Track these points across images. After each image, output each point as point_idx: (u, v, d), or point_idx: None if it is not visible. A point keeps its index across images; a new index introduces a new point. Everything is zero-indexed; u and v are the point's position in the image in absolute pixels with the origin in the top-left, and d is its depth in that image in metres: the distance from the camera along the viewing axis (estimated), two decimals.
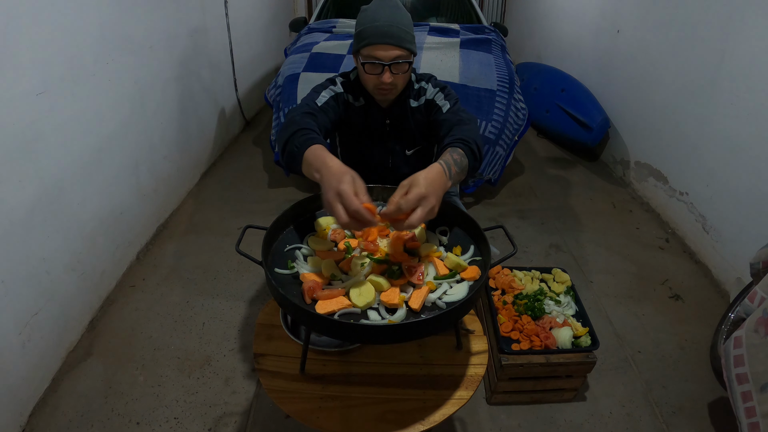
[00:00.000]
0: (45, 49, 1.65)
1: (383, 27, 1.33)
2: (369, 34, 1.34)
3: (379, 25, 1.33)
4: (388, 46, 1.34)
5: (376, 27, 1.33)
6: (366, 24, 1.35)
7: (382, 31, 1.33)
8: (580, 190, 3.29)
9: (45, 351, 1.70)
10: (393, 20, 1.34)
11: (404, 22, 1.36)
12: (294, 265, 1.11)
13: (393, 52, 1.35)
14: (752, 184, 2.17)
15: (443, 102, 1.47)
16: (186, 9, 2.86)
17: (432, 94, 1.50)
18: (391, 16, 1.34)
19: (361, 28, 1.37)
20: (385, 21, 1.33)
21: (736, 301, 1.82)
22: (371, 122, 1.55)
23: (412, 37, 1.39)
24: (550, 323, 1.67)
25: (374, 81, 1.41)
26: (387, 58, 1.35)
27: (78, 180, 1.88)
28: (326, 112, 1.41)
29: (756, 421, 1.23)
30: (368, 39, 1.34)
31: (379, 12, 1.35)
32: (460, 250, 1.19)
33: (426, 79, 1.55)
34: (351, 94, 1.52)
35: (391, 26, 1.33)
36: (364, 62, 1.38)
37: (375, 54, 1.35)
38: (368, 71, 1.39)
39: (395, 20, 1.34)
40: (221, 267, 2.36)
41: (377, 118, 1.54)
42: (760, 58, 2.13)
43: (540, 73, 4.29)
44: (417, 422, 1.03)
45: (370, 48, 1.35)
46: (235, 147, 3.80)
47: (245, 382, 1.77)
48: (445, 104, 1.46)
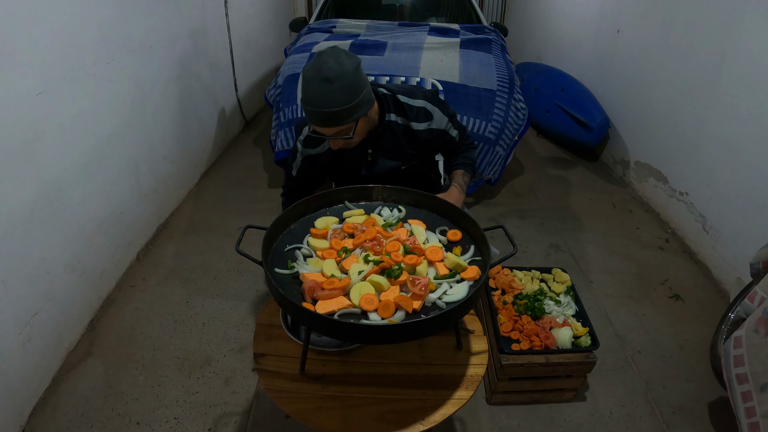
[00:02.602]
0: (45, 49, 1.65)
1: (314, 111, 1.27)
2: (307, 114, 1.30)
3: (310, 109, 1.28)
4: (323, 126, 1.30)
5: (307, 110, 1.29)
6: (301, 98, 1.29)
7: (313, 115, 1.28)
8: (580, 190, 3.29)
9: (45, 351, 1.70)
10: (320, 103, 1.25)
11: (333, 99, 1.24)
12: (294, 265, 1.11)
13: (331, 130, 1.31)
14: (752, 184, 2.17)
15: (454, 132, 1.59)
16: (186, 9, 2.86)
17: (443, 124, 1.55)
18: (318, 98, 1.25)
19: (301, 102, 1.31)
20: (313, 105, 1.26)
21: (736, 301, 1.82)
22: (346, 158, 1.55)
23: (347, 110, 1.27)
24: (550, 323, 1.67)
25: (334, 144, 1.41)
26: (328, 133, 1.33)
27: (78, 180, 1.88)
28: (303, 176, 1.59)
29: (756, 421, 1.23)
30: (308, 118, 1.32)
31: (308, 91, 1.27)
32: (460, 250, 1.19)
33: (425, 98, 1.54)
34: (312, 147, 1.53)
35: (320, 111, 1.26)
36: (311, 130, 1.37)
37: (319, 130, 1.33)
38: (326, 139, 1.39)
39: (322, 103, 1.25)
40: (221, 267, 2.36)
41: (357, 151, 1.52)
42: (760, 58, 2.13)
43: (540, 73, 4.29)
44: (417, 422, 1.03)
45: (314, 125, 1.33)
46: (235, 147, 3.80)
47: (245, 382, 1.77)
48: (456, 134, 1.60)
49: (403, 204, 1.37)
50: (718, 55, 2.41)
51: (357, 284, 1.04)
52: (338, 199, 1.36)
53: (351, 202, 1.37)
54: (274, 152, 2.83)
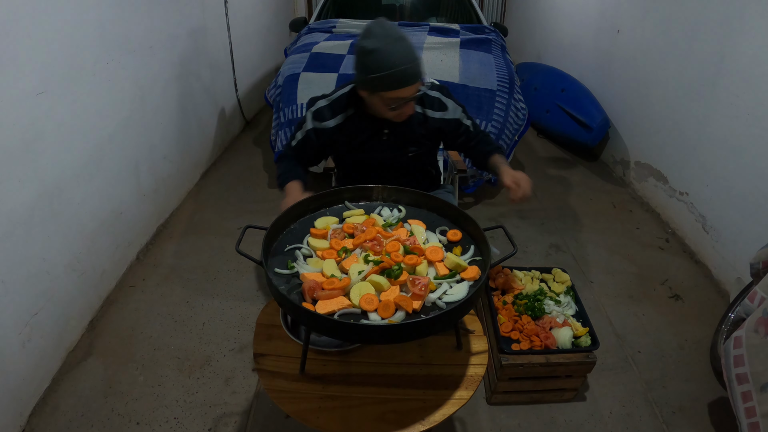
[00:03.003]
0: (45, 49, 1.65)
1: (407, 70, 1.33)
2: (395, 80, 1.34)
3: (403, 69, 1.32)
4: (411, 85, 1.37)
5: (401, 72, 1.33)
6: (387, 69, 1.32)
7: (408, 74, 1.34)
8: (580, 190, 3.29)
9: (45, 351, 1.70)
10: (409, 57, 1.34)
11: (415, 52, 1.36)
12: (294, 265, 1.11)
13: (415, 87, 1.39)
14: (752, 184, 2.17)
15: (467, 122, 1.64)
16: (186, 9, 2.86)
17: (457, 114, 1.61)
18: (406, 54, 1.33)
19: (381, 74, 1.33)
20: (405, 62, 1.32)
21: (736, 301, 1.82)
22: (361, 135, 1.58)
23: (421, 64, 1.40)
24: (550, 323, 1.67)
25: (395, 114, 1.44)
26: (412, 93, 1.39)
27: (78, 180, 1.88)
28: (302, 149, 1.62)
29: (756, 421, 1.23)
30: (395, 84, 1.35)
31: (394, 54, 1.32)
32: (460, 250, 1.19)
33: (439, 90, 1.60)
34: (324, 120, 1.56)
35: (412, 64, 1.34)
36: (390, 104, 1.40)
37: (402, 95, 1.38)
38: (395, 109, 1.41)
39: (411, 56, 1.34)
40: (221, 267, 2.36)
41: (373, 129, 1.56)
42: (760, 58, 2.13)
43: (540, 73, 4.29)
44: (417, 422, 1.03)
45: (396, 92, 1.37)
46: (235, 147, 3.80)
47: (245, 382, 1.77)
48: (469, 124, 1.64)
49: (403, 204, 1.37)
50: (718, 55, 2.41)
51: (357, 284, 1.04)
52: (338, 199, 1.36)
53: (351, 202, 1.37)
54: (274, 152, 2.83)
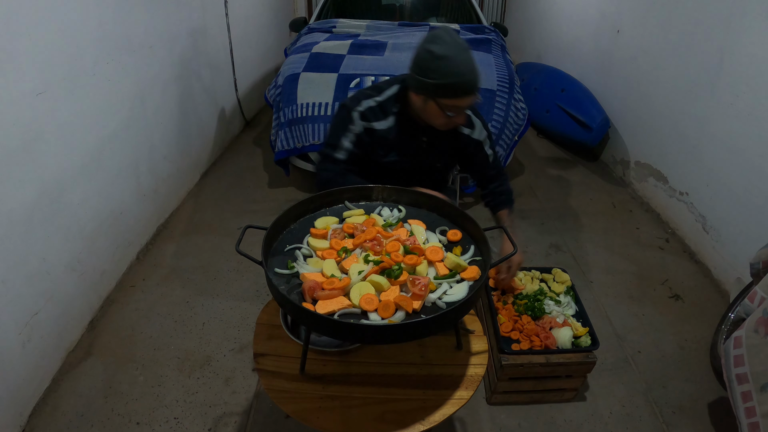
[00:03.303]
0: (45, 49, 1.65)
1: (471, 80, 1.35)
2: (458, 89, 1.35)
3: (467, 80, 1.35)
4: (471, 95, 1.39)
5: (465, 82, 1.35)
6: (454, 77, 1.34)
7: (471, 84, 1.36)
8: (580, 190, 3.29)
9: (45, 351, 1.70)
10: (474, 68, 1.35)
11: (475, 65, 1.37)
12: (294, 265, 1.11)
13: (473, 98, 1.40)
14: (752, 184, 2.17)
15: (489, 151, 1.64)
16: (186, 9, 2.86)
17: (481, 137, 1.61)
18: (470, 64, 1.35)
19: (445, 82, 1.34)
20: (469, 73, 1.35)
21: (736, 301, 1.82)
22: (404, 138, 1.57)
23: None
24: (550, 323, 1.67)
25: (446, 121, 1.44)
26: (469, 103, 1.41)
27: (78, 180, 1.88)
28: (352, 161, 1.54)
29: (756, 421, 1.23)
30: (457, 92, 1.36)
31: (461, 64, 1.34)
32: (460, 250, 1.19)
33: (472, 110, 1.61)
34: (374, 120, 1.53)
35: (473, 75, 1.36)
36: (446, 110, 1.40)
37: (459, 104, 1.39)
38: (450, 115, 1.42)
39: (475, 67, 1.36)
40: (221, 267, 2.36)
41: (413, 134, 1.56)
42: (760, 58, 2.13)
43: (540, 73, 4.29)
44: (417, 422, 1.03)
45: (456, 100, 1.38)
46: (235, 147, 3.80)
47: (245, 382, 1.77)
48: (490, 153, 1.64)
49: (403, 204, 1.37)
50: (718, 55, 2.41)
51: (357, 284, 1.04)
52: (338, 199, 1.36)
53: (351, 202, 1.37)
54: (274, 152, 2.83)
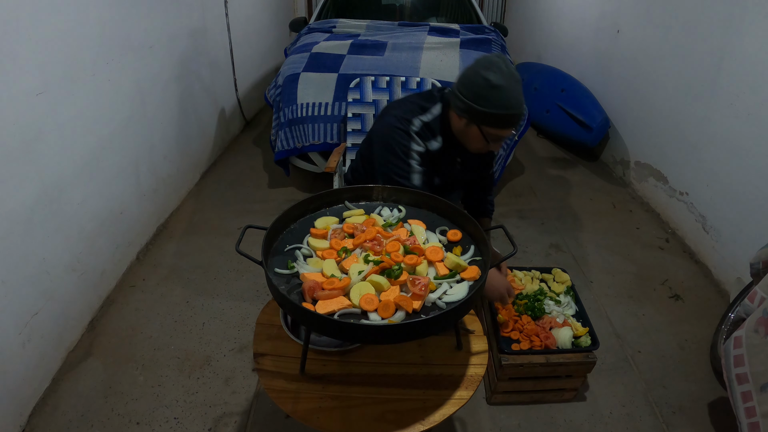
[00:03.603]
0: (45, 49, 1.65)
1: (520, 114, 1.38)
2: (508, 121, 1.37)
3: (517, 113, 1.37)
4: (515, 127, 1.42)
5: (515, 115, 1.36)
6: (506, 108, 1.34)
7: (519, 118, 1.38)
8: (580, 190, 3.29)
9: (45, 351, 1.70)
10: (522, 102, 1.37)
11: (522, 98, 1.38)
12: (294, 265, 1.11)
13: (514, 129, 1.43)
14: (752, 184, 2.17)
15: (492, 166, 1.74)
16: (186, 9, 2.86)
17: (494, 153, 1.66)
18: (521, 97, 1.36)
19: (500, 112, 1.34)
20: (519, 106, 1.36)
21: (736, 301, 1.82)
22: (445, 158, 1.57)
23: None
24: (550, 323, 1.67)
25: (483, 146, 1.46)
26: (510, 134, 1.43)
27: (78, 180, 1.88)
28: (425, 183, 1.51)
29: (756, 421, 1.23)
30: (507, 124, 1.38)
31: (514, 97, 1.34)
32: (460, 250, 1.19)
33: None
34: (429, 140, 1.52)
35: (522, 109, 1.38)
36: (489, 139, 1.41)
37: (503, 134, 1.40)
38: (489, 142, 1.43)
39: (523, 101, 1.37)
40: (221, 267, 2.36)
41: (452, 155, 1.57)
42: (760, 58, 2.13)
43: (540, 73, 4.29)
44: (417, 422, 1.03)
45: (502, 131, 1.39)
46: (235, 147, 3.80)
47: (245, 382, 1.77)
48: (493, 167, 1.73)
49: (403, 204, 1.37)
50: (718, 55, 2.41)
51: (357, 284, 1.04)
52: (338, 199, 1.36)
53: (351, 202, 1.37)
54: (274, 152, 2.83)
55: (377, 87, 2.61)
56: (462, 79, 1.40)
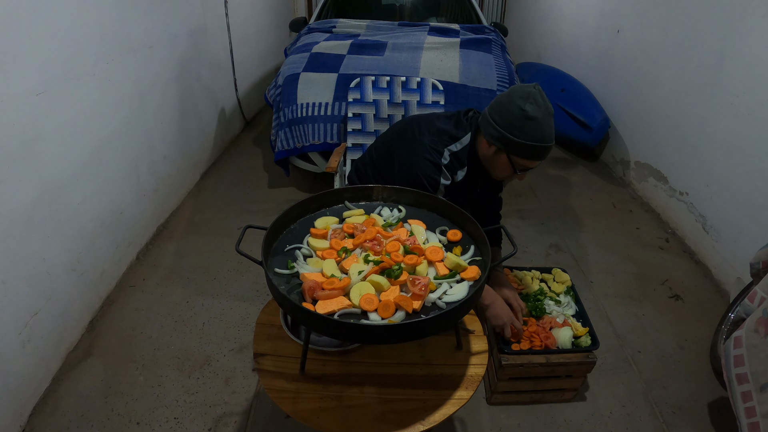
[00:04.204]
0: (45, 49, 1.65)
1: (550, 147, 1.38)
2: (539, 153, 1.37)
3: (548, 147, 1.37)
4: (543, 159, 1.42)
5: (546, 148, 1.37)
6: (539, 141, 1.35)
7: (549, 151, 1.39)
8: (580, 190, 3.29)
9: (45, 351, 1.70)
10: (553, 135, 1.37)
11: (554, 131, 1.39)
12: (294, 265, 1.11)
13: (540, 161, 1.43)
14: (752, 184, 2.17)
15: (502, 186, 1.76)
16: (186, 9, 2.86)
17: None
18: (553, 131, 1.36)
19: (533, 144, 1.35)
20: (551, 140, 1.37)
21: (736, 301, 1.82)
22: (467, 185, 1.58)
23: None
24: (550, 323, 1.67)
25: (509, 175, 1.47)
26: (537, 165, 1.42)
27: (78, 180, 1.88)
28: None
29: (756, 421, 1.23)
30: (537, 156, 1.38)
31: (547, 130, 1.35)
32: (460, 250, 1.19)
33: None
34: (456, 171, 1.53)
35: (552, 142, 1.38)
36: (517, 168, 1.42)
37: (531, 165, 1.41)
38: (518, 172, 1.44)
39: (553, 134, 1.38)
40: (221, 267, 2.36)
41: (474, 180, 1.58)
42: (760, 58, 2.13)
43: (540, 73, 4.29)
44: (417, 422, 1.03)
45: (531, 162, 1.40)
46: (235, 147, 3.80)
47: (245, 382, 1.77)
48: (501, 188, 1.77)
49: (403, 204, 1.37)
50: (718, 55, 2.41)
51: (357, 284, 1.04)
52: (338, 199, 1.36)
53: (351, 202, 1.37)
54: (274, 152, 2.83)
55: (377, 87, 2.61)
56: (496, 107, 1.39)
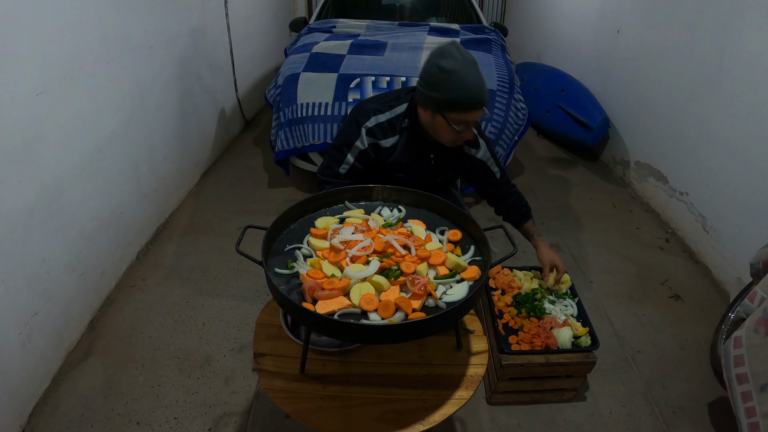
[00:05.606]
0: (45, 49, 1.65)
1: (477, 93, 1.35)
2: (465, 103, 1.36)
3: (474, 93, 1.35)
4: (479, 110, 1.38)
5: (471, 95, 1.35)
6: (458, 91, 1.34)
7: (476, 96, 1.36)
8: (580, 190, 3.29)
9: (45, 351, 1.70)
10: (481, 83, 1.36)
11: (483, 79, 1.37)
12: (294, 265, 1.11)
13: (480, 113, 1.40)
14: (752, 184, 2.17)
15: (495, 169, 1.65)
16: (186, 9, 2.86)
17: (486, 158, 1.62)
18: (478, 77, 1.35)
19: (453, 95, 1.35)
20: (476, 86, 1.35)
21: (736, 301, 1.82)
22: (411, 155, 1.58)
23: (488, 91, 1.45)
24: (550, 323, 1.67)
25: (454, 136, 1.45)
26: (476, 117, 1.40)
27: (78, 180, 1.88)
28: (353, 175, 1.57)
29: (756, 421, 1.23)
30: (464, 106, 1.36)
31: (468, 76, 1.34)
32: (460, 251, 1.19)
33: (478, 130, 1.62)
34: (381, 138, 1.54)
35: (481, 89, 1.36)
36: (453, 125, 1.40)
37: (467, 118, 1.39)
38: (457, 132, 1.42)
39: (482, 82, 1.36)
40: (221, 267, 2.36)
41: (421, 151, 1.58)
42: (760, 58, 2.13)
43: (540, 73, 4.29)
44: (417, 422, 1.03)
45: (464, 114, 1.38)
46: (235, 147, 3.80)
47: (245, 382, 1.77)
48: (497, 171, 1.65)
49: (403, 204, 1.37)
50: (718, 55, 2.41)
51: (357, 284, 1.04)
52: (338, 199, 1.36)
53: (351, 202, 1.37)
54: (274, 152, 2.83)
55: (377, 87, 2.61)
56: (421, 73, 1.42)
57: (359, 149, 1.55)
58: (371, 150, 1.55)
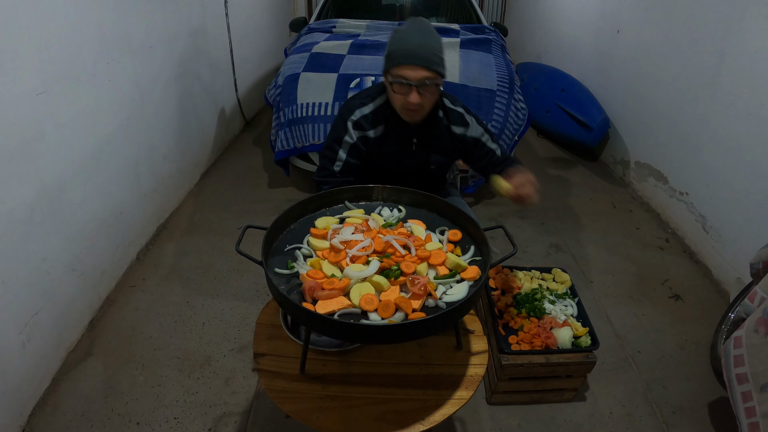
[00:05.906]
0: (45, 49, 1.65)
1: (412, 48, 1.37)
2: (399, 55, 1.38)
3: (409, 47, 1.37)
4: (417, 67, 1.38)
5: (406, 48, 1.38)
6: (396, 45, 1.40)
7: (412, 52, 1.37)
8: (580, 190, 3.29)
9: (45, 351, 1.70)
10: (423, 42, 1.38)
11: (434, 45, 1.40)
12: (294, 265, 1.11)
13: (421, 73, 1.38)
14: (752, 184, 2.17)
15: (493, 145, 1.62)
16: (186, 9, 2.86)
17: (478, 134, 1.60)
18: (422, 38, 1.39)
19: (392, 49, 1.41)
20: (414, 43, 1.38)
21: (736, 301, 1.82)
22: (395, 142, 1.58)
23: (441, 60, 1.42)
24: (550, 323, 1.67)
25: (402, 101, 1.45)
26: (415, 78, 1.39)
27: (78, 180, 1.88)
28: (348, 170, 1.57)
29: (756, 421, 1.23)
30: (398, 59, 1.38)
31: (411, 34, 1.39)
32: (460, 251, 1.19)
33: (464, 109, 1.61)
34: (368, 129, 1.56)
35: (421, 48, 1.37)
36: (392, 81, 1.42)
37: (404, 74, 1.39)
38: (397, 91, 1.43)
39: (425, 42, 1.38)
40: (221, 267, 2.36)
41: (403, 136, 1.58)
42: (760, 58, 2.13)
43: (540, 73, 4.29)
44: (417, 422, 1.03)
45: (400, 68, 1.39)
46: (235, 147, 3.80)
47: (245, 382, 1.77)
48: (495, 148, 1.62)
49: (403, 204, 1.37)
50: (718, 55, 2.41)
51: (357, 284, 1.04)
52: (338, 199, 1.36)
53: (351, 202, 1.37)
54: (274, 152, 2.83)
55: None
56: None
57: (349, 143, 1.56)
58: (361, 143, 1.56)
